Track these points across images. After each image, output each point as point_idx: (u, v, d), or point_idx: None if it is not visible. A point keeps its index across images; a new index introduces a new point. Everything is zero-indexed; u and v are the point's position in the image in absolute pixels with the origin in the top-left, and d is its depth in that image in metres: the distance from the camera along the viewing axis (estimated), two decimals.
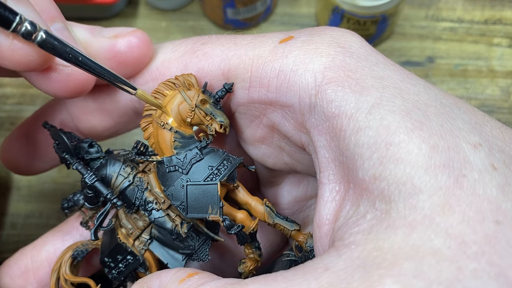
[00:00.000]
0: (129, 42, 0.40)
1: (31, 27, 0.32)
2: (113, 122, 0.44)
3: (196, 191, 0.38)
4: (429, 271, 0.27)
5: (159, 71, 0.41)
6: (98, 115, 0.44)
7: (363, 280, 0.28)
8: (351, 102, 0.33)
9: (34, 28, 0.32)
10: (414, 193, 0.30)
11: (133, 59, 0.40)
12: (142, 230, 0.41)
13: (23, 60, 0.33)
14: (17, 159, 0.46)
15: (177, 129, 0.39)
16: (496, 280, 0.27)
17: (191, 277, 0.34)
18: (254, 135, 0.42)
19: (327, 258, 0.31)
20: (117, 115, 0.44)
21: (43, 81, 0.36)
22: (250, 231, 0.39)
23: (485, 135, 0.32)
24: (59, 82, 0.36)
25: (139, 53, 0.40)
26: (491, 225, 0.28)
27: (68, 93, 0.37)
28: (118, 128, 0.46)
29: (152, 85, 0.41)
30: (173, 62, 0.41)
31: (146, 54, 0.41)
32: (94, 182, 0.40)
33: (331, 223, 0.34)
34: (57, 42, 0.34)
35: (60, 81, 0.36)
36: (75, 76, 0.37)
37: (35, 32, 0.32)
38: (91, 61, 0.35)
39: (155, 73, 0.41)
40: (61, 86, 0.37)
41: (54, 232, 0.47)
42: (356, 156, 0.32)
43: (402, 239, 0.29)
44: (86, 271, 0.47)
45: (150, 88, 0.41)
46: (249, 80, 0.38)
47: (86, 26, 0.40)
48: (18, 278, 0.45)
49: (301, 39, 0.38)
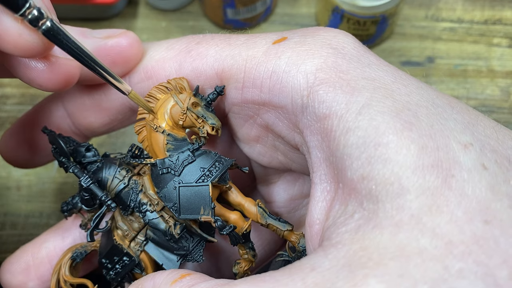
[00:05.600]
0: (119, 43, 0.40)
1: (39, 14, 0.32)
2: (108, 119, 0.45)
3: (188, 192, 0.38)
4: (414, 270, 0.28)
5: (153, 69, 0.41)
6: (94, 112, 0.45)
7: (348, 280, 0.28)
8: (342, 103, 0.33)
9: (41, 15, 0.32)
10: (401, 193, 0.30)
11: (122, 60, 0.41)
12: (138, 232, 0.42)
13: (27, 46, 0.33)
14: (15, 153, 0.46)
15: (170, 131, 0.40)
16: (483, 280, 0.27)
17: (183, 278, 0.34)
18: (248, 134, 0.42)
19: (314, 258, 0.31)
20: (112, 112, 0.44)
21: (30, 71, 0.36)
22: (243, 231, 0.39)
23: (478, 135, 0.32)
24: (48, 73, 0.36)
25: (129, 54, 0.41)
26: (480, 225, 0.28)
27: (55, 85, 0.37)
28: (114, 125, 0.46)
29: (146, 83, 0.42)
30: (167, 61, 0.41)
31: (135, 54, 0.41)
32: (90, 184, 0.40)
33: (321, 223, 0.35)
34: (62, 32, 0.34)
35: (49, 72, 0.36)
36: (64, 68, 0.36)
37: (42, 19, 0.32)
38: (91, 56, 0.35)
39: (150, 71, 0.42)
40: (49, 77, 0.36)
41: (54, 229, 0.47)
42: (345, 156, 0.32)
43: (388, 239, 0.29)
44: (87, 269, 0.48)
45: (145, 86, 0.42)
46: (243, 81, 0.39)
47: (76, 28, 0.40)
48: (19, 274, 0.46)
49: (294, 40, 0.38)
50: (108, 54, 0.40)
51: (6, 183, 0.66)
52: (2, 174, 0.66)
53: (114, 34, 0.41)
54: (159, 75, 0.41)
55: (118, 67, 0.41)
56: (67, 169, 0.42)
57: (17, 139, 0.46)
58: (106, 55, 0.40)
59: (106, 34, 0.41)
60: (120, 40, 0.41)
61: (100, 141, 0.67)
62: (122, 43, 0.41)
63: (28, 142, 0.46)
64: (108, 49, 0.40)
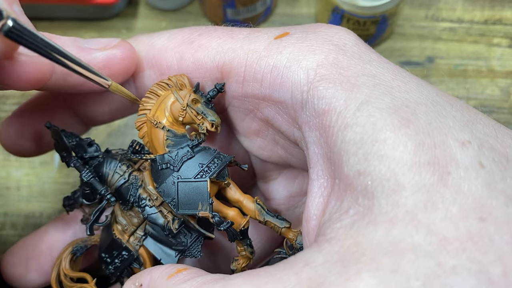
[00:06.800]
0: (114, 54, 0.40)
1: None
2: (108, 109, 0.45)
3: (186, 188, 0.39)
4: (407, 266, 0.28)
5: (155, 59, 0.42)
6: (94, 101, 0.45)
7: (341, 275, 0.28)
8: (341, 99, 0.34)
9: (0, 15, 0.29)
10: (397, 189, 0.30)
11: (118, 71, 0.40)
12: (137, 227, 0.42)
13: None
14: (15, 141, 0.46)
15: (170, 127, 0.40)
16: (476, 276, 0.27)
17: (180, 272, 0.35)
18: (249, 128, 0.43)
19: (308, 253, 0.31)
20: (112, 101, 0.44)
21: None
22: (241, 228, 0.40)
23: (476, 133, 0.32)
24: (16, 73, 0.34)
25: (125, 65, 0.40)
26: (475, 222, 0.28)
27: (26, 85, 0.35)
28: (114, 114, 0.46)
29: (148, 73, 0.42)
30: (169, 51, 0.41)
31: (131, 65, 0.41)
32: (90, 179, 0.41)
33: (318, 219, 0.35)
34: (26, 31, 0.30)
35: (17, 71, 0.34)
36: (35, 67, 0.34)
37: (0, 19, 0.29)
38: (62, 52, 0.33)
39: (151, 61, 0.42)
40: (18, 77, 0.34)
41: (55, 222, 0.48)
42: (342, 152, 0.33)
43: (382, 234, 0.29)
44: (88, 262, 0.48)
45: (147, 75, 0.42)
46: (243, 75, 0.39)
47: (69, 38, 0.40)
48: (20, 266, 0.46)
49: (296, 35, 0.38)
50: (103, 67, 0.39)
51: (6, 183, 0.66)
52: (2, 174, 0.66)
53: (109, 45, 0.40)
54: (160, 65, 0.41)
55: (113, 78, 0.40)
56: (69, 164, 0.42)
57: (17, 127, 0.46)
58: (103, 66, 0.39)
59: (102, 45, 0.40)
60: (115, 51, 0.40)
61: (100, 141, 0.67)
62: (117, 55, 0.40)
63: (27, 131, 0.46)
64: (102, 61, 0.39)
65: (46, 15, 0.73)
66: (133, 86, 0.43)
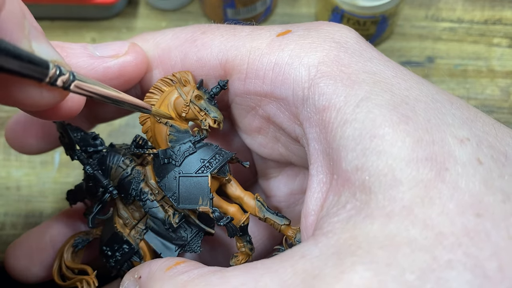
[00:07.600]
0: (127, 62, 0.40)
1: (58, 71, 0.29)
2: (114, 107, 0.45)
3: (187, 182, 0.39)
4: (402, 259, 0.28)
5: (160, 59, 0.42)
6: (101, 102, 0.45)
7: (336, 267, 0.28)
8: (341, 96, 0.34)
9: (60, 72, 0.29)
10: (394, 184, 0.30)
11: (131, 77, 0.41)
12: (138, 220, 0.43)
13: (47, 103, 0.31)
14: (21, 138, 0.46)
15: (173, 123, 0.40)
16: (471, 271, 0.27)
17: (178, 265, 0.35)
18: (250, 125, 0.43)
19: (305, 246, 0.31)
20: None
21: None
22: (241, 224, 0.40)
23: (476, 130, 0.33)
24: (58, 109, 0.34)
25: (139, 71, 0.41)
26: (471, 218, 0.29)
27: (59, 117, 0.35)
28: (120, 112, 0.47)
29: (154, 72, 0.43)
30: (173, 50, 0.42)
31: (144, 69, 0.42)
32: (94, 172, 0.42)
33: (316, 214, 0.35)
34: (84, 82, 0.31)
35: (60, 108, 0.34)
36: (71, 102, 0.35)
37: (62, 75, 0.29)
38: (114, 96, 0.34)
39: (156, 61, 0.42)
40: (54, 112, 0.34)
41: (58, 216, 0.49)
42: (341, 147, 0.33)
43: (378, 228, 0.29)
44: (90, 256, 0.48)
45: (152, 75, 0.43)
46: (246, 72, 0.39)
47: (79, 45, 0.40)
48: (23, 259, 0.47)
49: (298, 33, 0.39)
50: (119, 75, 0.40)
51: (6, 183, 0.66)
52: (2, 174, 0.66)
53: (120, 51, 0.41)
54: (165, 65, 0.42)
55: (128, 84, 0.41)
56: (73, 157, 0.43)
57: (23, 125, 0.46)
58: (117, 76, 0.40)
59: (113, 52, 0.40)
60: (129, 58, 0.40)
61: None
62: (132, 62, 0.40)
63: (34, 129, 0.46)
64: (117, 70, 0.40)
65: (47, 15, 0.73)
66: (138, 86, 0.44)
